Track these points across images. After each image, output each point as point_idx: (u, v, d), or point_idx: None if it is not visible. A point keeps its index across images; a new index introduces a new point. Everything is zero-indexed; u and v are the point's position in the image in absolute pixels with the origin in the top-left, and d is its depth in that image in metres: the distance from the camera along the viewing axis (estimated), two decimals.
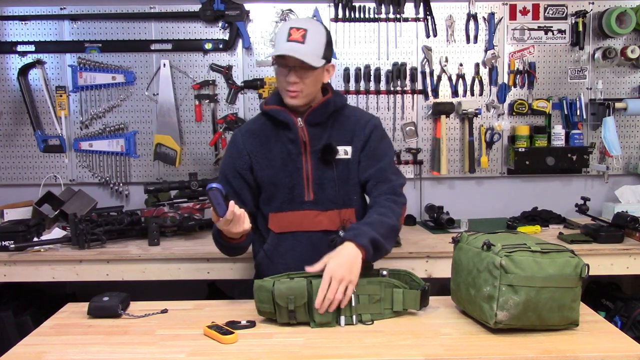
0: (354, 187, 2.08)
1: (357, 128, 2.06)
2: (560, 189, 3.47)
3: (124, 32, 3.30)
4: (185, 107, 3.35)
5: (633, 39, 3.37)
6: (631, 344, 1.56)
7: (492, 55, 3.33)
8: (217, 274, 2.68)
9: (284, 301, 1.67)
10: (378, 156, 2.05)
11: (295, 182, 2.03)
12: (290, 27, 1.93)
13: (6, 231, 2.72)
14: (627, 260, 2.67)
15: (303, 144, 2.02)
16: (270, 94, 2.15)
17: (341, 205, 2.04)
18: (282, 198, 2.03)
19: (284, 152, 2.03)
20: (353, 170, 2.06)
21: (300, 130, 2.01)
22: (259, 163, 2.05)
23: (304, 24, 1.96)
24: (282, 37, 1.94)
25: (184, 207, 2.97)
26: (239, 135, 2.11)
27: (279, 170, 2.03)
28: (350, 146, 2.05)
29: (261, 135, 2.06)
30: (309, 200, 2.03)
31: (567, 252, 1.63)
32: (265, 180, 2.05)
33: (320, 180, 2.03)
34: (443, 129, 3.34)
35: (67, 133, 3.33)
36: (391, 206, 1.97)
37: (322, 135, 2.03)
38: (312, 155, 2.02)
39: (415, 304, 1.76)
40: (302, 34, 1.90)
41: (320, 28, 1.99)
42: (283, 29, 1.95)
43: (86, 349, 1.57)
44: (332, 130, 2.05)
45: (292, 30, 1.92)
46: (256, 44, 3.31)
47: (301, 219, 2.03)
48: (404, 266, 2.05)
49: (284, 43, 1.92)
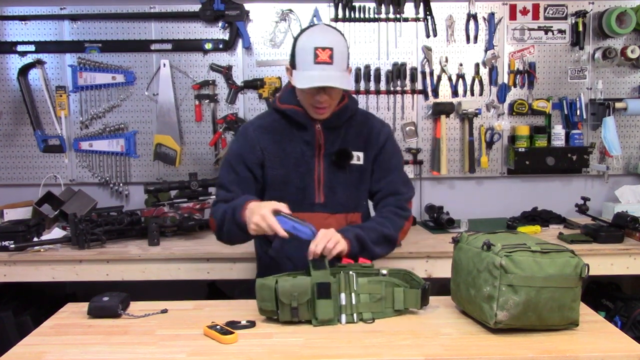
0: (364, 193, 2.11)
1: (371, 136, 2.08)
2: (560, 189, 3.47)
3: (124, 32, 3.30)
4: (185, 107, 3.35)
5: (633, 39, 3.37)
6: (631, 344, 1.56)
7: (492, 55, 3.33)
8: (217, 274, 2.68)
9: (288, 298, 1.67)
10: (390, 168, 2.09)
11: (306, 183, 2.03)
12: (315, 47, 1.88)
13: (6, 231, 2.72)
14: (627, 260, 2.67)
15: (318, 147, 2.03)
16: (283, 91, 2.11)
17: (350, 209, 2.07)
18: (292, 199, 2.01)
19: (298, 152, 2.03)
20: (365, 177, 2.08)
21: (317, 132, 2.02)
22: (272, 161, 2.04)
23: (327, 39, 1.90)
24: (307, 57, 1.89)
25: (184, 207, 2.97)
26: (250, 129, 2.07)
27: (291, 171, 2.03)
28: (362, 152, 2.07)
29: (274, 133, 2.05)
30: (319, 203, 2.04)
31: (567, 252, 1.63)
32: (277, 180, 2.04)
33: (331, 183, 2.04)
34: (443, 129, 3.34)
35: (67, 133, 3.33)
36: (392, 218, 2.03)
37: (337, 139, 2.04)
38: (325, 158, 2.03)
39: (417, 303, 1.76)
40: (329, 54, 1.87)
41: (341, 39, 1.95)
42: (307, 48, 1.90)
43: (86, 349, 1.57)
44: (346, 135, 2.06)
45: (317, 50, 1.87)
46: (256, 44, 3.32)
47: (310, 220, 1.98)
48: (404, 266, 2.06)
49: (311, 66, 1.88)
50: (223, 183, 2.05)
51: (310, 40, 1.91)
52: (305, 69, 1.91)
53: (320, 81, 1.88)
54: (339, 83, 1.90)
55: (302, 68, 1.92)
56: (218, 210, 1.98)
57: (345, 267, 1.78)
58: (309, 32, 1.94)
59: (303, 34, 1.95)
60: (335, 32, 1.97)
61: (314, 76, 1.89)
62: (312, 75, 1.89)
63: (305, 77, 1.90)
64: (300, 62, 1.92)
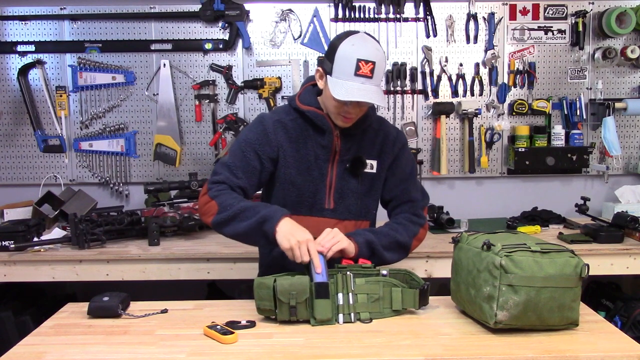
0: (374, 202, 2.09)
1: (386, 144, 2.04)
2: (560, 189, 3.47)
3: (124, 32, 3.31)
4: (185, 107, 3.35)
5: (633, 39, 3.37)
6: (631, 344, 1.56)
7: (492, 55, 3.33)
8: (217, 274, 2.68)
9: (286, 297, 1.67)
10: (404, 177, 2.07)
11: (317, 188, 1.99)
12: (358, 58, 1.82)
13: (6, 231, 2.72)
14: (627, 260, 2.67)
15: (333, 152, 1.99)
16: (304, 91, 2.03)
17: (359, 216, 2.05)
18: (301, 201, 1.99)
19: (312, 155, 1.98)
20: (377, 185, 2.05)
21: (336, 137, 1.98)
22: (286, 160, 1.98)
23: (371, 52, 1.84)
24: (348, 68, 1.83)
25: (184, 207, 2.97)
26: (269, 122, 1.97)
27: (303, 173, 1.98)
28: (376, 161, 2.04)
29: (292, 131, 1.98)
30: (328, 208, 2.01)
31: (567, 252, 1.63)
32: (287, 180, 1.98)
33: (342, 190, 2.00)
34: (443, 129, 3.34)
35: (67, 133, 3.33)
36: (406, 224, 2.01)
37: (352, 146, 2.00)
38: (339, 165, 2.00)
39: (415, 303, 1.76)
40: (370, 68, 1.83)
41: (382, 53, 1.90)
42: (350, 57, 1.83)
43: (86, 349, 1.57)
44: (361, 142, 2.02)
45: (360, 63, 1.82)
46: (256, 44, 3.32)
47: (318, 225, 1.97)
48: (404, 266, 2.05)
49: (351, 77, 1.83)
50: (229, 164, 1.94)
51: (354, 51, 1.84)
52: (344, 79, 1.84)
53: (360, 96, 1.83)
54: (377, 99, 1.86)
55: (341, 77, 1.84)
56: (225, 197, 1.87)
57: (345, 268, 1.78)
58: (352, 41, 1.86)
59: (345, 41, 1.86)
60: (378, 45, 1.90)
61: (353, 89, 1.83)
62: (352, 88, 1.83)
63: (344, 88, 1.83)
64: (339, 70, 1.85)
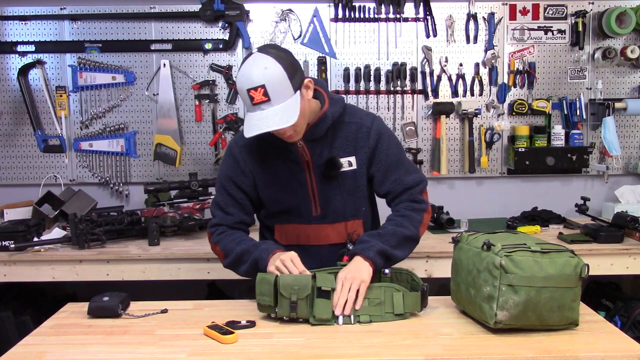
0: (362, 199, 2.03)
1: (359, 137, 1.96)
2: (560, 189, 3.47)
3: (124, 32, 3.31)
4: (185, 107, 3.35)
5: (633, 39, 3.37)
6: (631, 344, 1.56)
7: (492, 55, 3.33)
8: (217, 274, 2.68)
9: (288, 292, 1.67)
10: (391, 167, 1.99)
11: (300, 199, 1.97)
12: (247, 89, 1.73)
13: (6, 231, 2.72)
14: (627, 260, 2.67)
15: (305, 163, 1.94)
16: None
17: (348, 217, 2.01)
18: (289, 212, 1.99)
19: (286, 170, 1.96)
20: (360, 182, 2.00)
21: (300, 149, 1.93)
22: (262, 181, 1.98)
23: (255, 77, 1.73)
24: (246, 100, 1.76)
25: (184, 207, 2.97)
26: (236, 150, 1.98)
27: (284, 189, 1.97)
28: (354, 156, 1.97)
29: (259, 155, 1.96)
30: (316, 215, 1.99)
31: (567, 252, 1.63)
32: (270, 199, 2.00)
33: (325, 194, 1.97)
34: (443, 129, 3.34)
35: (67, 133, 3.33)
36: (410, 215, 1.96)
37: (323, 150, 1.94)
38: (316, 171, 1.95)
39: (416, 306, 1.76)
40: (262, 92, 1.72)
41: (274, 67, 1.74)
42: (242, 90, 1.76)
43: (86, 349, 1.57)
44: (333, 142, 1.95)
45: (251, 92, 1.73)
46: (256, 44, 3.31)
47: (308, 232, 1.98)
48: (404, 266, 2.05)
49: (251, 108, 1.76)
50: (219, 203, 2.00)
51: (242, 82, 1.76)
52: (248, 112, 1.79)
53: (260, 127, 1.75)
54: (279, 123, 1.74)
55: (247, 110, 1.80)
56: (226, 242, 1.94)
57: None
58: (241, 71, 1.78)
59: (238, 74, 1.80)
60: (266, 61, 1.75)
61: (255, 120, 1.76)
62: (253, 119, 1.76)
63: (249, 122, 1.78)
64: (245, 104, 1.81)
